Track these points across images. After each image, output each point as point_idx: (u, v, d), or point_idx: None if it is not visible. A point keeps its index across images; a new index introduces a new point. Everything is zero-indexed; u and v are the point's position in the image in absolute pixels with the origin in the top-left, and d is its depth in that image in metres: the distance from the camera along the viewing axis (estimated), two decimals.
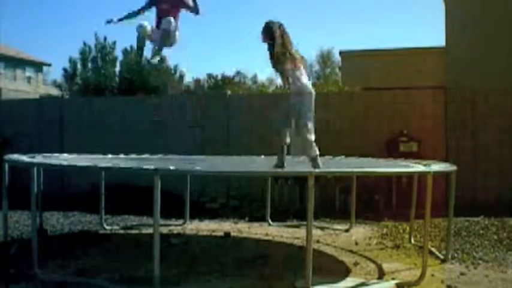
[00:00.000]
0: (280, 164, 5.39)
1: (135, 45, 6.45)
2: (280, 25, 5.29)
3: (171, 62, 29.43)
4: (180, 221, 7.73)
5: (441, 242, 6.22)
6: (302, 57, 5.40)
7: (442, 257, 5.52)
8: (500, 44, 12.19)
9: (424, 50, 15.26)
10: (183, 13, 6.26)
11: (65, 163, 5.50)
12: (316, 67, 49.47)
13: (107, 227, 7.33)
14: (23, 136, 10.46)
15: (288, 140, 5.42)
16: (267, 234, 7.03)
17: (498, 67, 11.74)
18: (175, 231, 7.11)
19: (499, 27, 12.29)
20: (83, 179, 9.71)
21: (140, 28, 6.08)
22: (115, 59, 24.44)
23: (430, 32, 60.39)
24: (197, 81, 36.85)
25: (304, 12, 77.41)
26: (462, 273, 4.90)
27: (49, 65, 41.74)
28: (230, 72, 52.42)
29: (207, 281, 4.62)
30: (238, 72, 50.08)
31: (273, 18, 5.31)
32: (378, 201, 8.89)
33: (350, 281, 4.66)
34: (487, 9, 12.47)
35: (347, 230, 7.25)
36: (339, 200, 9.03)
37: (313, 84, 5.99)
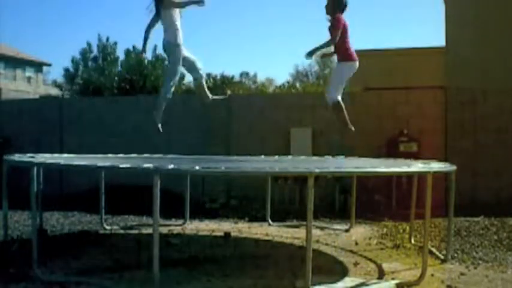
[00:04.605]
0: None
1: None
2: None
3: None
4: (180, 221, 7.74)
5: (441, 242, 6.22)
6: None
7: (442, 257, 5.52)
8: (500, 43, 12.19)
9: (424, 50, 15.28)
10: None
11: (65, 162, 5.50)
12: (316, 67, 49.49)
13: (107, 227, 7.33)
14: (23, 136, 10.47)
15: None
16: (267, 234, 7.03)
17: (498, 67, 11.73)
18: (175, 231, 7.11)
19: (499, 27, 12.29)
20: (83, 179, 9.71)
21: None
22: (116, 59, 24.45)
23: (430, 32, 60.46)
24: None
25: (303, 12, 77.48)
26: (462, 273, 4.90)
27: (49, 65, 41.79)
28: (230, 72, 52.53)
29: (208, 281, 4.62)
30: (242, 73, 50.21)
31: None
32: (378, 201, 8.89)
33: (350, 281, 4.66)
34: (487, 9, 12.46)
35: (347, 230, 7.25)
36: (339, 200, 9.04)
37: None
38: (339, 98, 5.63)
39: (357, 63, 5.75)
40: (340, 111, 5.61)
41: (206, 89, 6.59)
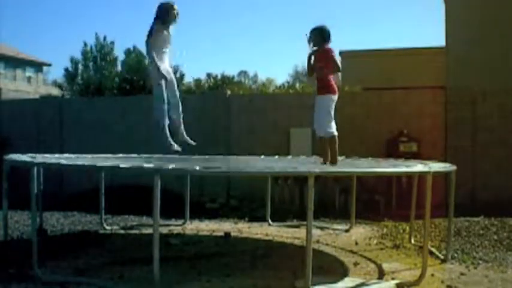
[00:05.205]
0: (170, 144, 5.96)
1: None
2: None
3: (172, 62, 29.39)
4: (180, 221, 7.73)
5: (441, 242, 6.22)
6: None
7: (442, 257, 5.52)
8: (500, 43, 12.19)
9: (424, 50, 15.29)
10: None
11: (65, 162, 5.50)
12: None
13: (107, 227, 7.33)
14: (23, 136, 10.47)
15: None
16: (267, 234, 7.03)
17: (498, 67, 11.74)
18: (175, 231, 7.11)
19: (499, 27, 12.29)
20: (83, 179, 9.71)
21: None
22: (115, 59, 24.45)
23: (430, 32, 60.48)
24: (197, 81, 36.88)
25: (304, 12, 77.48)
26: (462, 273, 4.90)
27: (49, 65, 41.82)
28: (230, 72, 52.51)
29: (207, 281, 4.62)
30: (241, 72, 50.25)
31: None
32: (378, 201, 8.89)
33: (350, 281, 4.66)
34: (487, 8, 12.47)
35: (347, 230, 7.25)
36: (339, 200, 9.04)
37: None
38: (335, 131, 5.56)
39: (337, 96, 5.68)
40: (333, 145, 5.54)
41: (184, 133, 6.43)
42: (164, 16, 6.01)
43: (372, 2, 74.29)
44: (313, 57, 5.69)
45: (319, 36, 5.61)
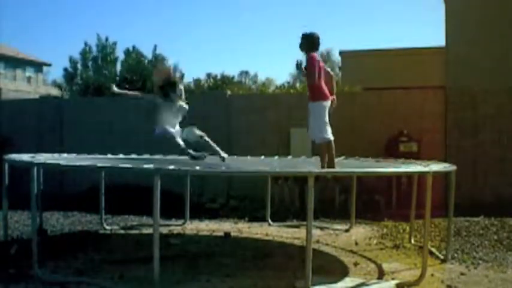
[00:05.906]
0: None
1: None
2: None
3: (172, 62, 29.39)
4: (180, 221, 7.74)
5: (441, 242, 6.22)
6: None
7: (442, 257, 5.52)
8: (500, 43, 12.20)
9: (424, 50, 15.30)
10: None
11: (65, 163, 5.50)
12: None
13: (107, 227, 7.33)
14: (23, 136, 10.46)
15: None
16: (267, 234, 7.03)
17: (498, 67, 11.74)
18: (175, 231, 7.11)
19: (499, 27, 12.29)
20: (83, 179, 9.70)
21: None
22: (116, 59, 24.45)
23: (430, 32, 60.47)
24: (197, 81, 36.92)
25: (303, 12, 77.46)
26: (462, 273, 4.91)
27: (49, 65, 41.80)
28: (230, 72, 52.53)
29: (207, 281, 4.62)
30: (242, 72, 50.28)
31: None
32: (378, 201, 8.89)
33: (350, 281, 4.67)
34: (487, 8, 12.47)
35: (347, 230, 7.25)
36: (339, 200, 9.03)
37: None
38: (331, 137, 5.55)
39: (329, 101, 5.67)
40: (330, 150, 5.54)
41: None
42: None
43: (372, 2, 74.31)
44: (303, 63, 5.69)
45: (307, 43, 5.62)
